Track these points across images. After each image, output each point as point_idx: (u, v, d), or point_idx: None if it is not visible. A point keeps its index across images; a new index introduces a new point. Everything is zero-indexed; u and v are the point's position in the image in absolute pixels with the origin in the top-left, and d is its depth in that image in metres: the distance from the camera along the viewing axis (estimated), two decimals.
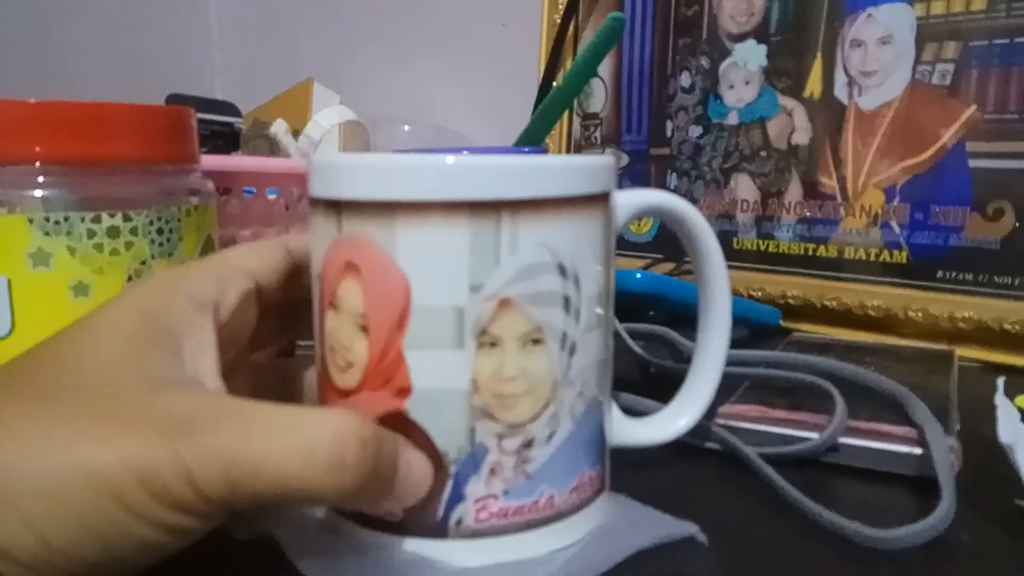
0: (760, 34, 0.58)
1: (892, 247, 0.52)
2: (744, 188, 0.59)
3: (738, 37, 0.59)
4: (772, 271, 0.58)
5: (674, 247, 0.45)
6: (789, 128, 0.57)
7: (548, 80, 0.70)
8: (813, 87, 0.55)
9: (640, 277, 0.43)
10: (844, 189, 0.54)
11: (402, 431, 0.21)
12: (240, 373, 0.24)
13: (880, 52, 0.52)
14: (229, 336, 0.22)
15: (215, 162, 0.41)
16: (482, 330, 0.21)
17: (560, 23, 0.70)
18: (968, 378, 0.39)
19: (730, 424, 0.32)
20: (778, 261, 0.57)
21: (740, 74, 0.59)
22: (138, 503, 0.17)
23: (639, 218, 0.27)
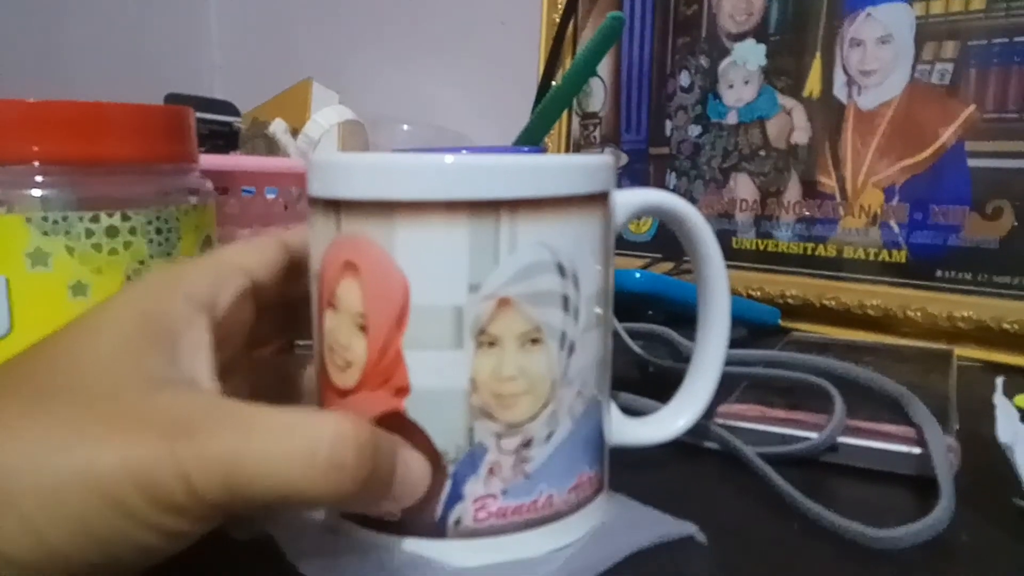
0: (759, 33, 0.58)
1: (891, 247, 0.52)
2: (743, 187, 0.59)
3: (737, 36, 0.59)
4: (771, 271, 0.58)
5: (673, 246, 0.45)
6: (788, 127, 0.57)
7: (547, 79, 0.70)
8: (812, 86, 0.55)
9: (639, 276, 0.43)
10: (843, 188, 0.54)
11: (401, 431, 0.21)
12: (239, 371, 0.24)
13: (879, 51, 0.52)
14: (226, 334, 0.22)
15: (214, 161, 0.41)
16: (481, 329, 0.21)
17: (559, 22, 0.70)
18: (967, 378, 0.39)
19: (729, 424, 0.32)
20: (777, 260, 0.57)
21: (739, 73, 0.59)
22: (136, 506, 0.17)
23: (638, 217, 0.27)
